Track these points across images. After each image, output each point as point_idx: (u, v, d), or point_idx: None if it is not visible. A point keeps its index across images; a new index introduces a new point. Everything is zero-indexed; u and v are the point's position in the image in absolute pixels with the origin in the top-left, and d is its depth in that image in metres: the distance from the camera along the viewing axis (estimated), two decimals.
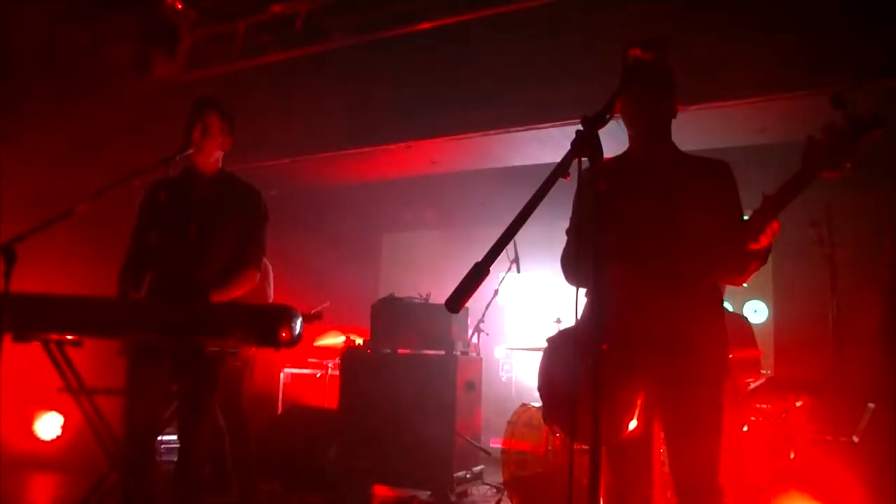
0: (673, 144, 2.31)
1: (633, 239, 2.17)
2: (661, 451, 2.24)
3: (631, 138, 2.33)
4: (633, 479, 2.17)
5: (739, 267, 2.11)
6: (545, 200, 1.47)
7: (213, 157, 3.16)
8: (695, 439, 2.10)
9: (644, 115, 2.25)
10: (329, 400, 6.18)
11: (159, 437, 3.27)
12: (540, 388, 2.32)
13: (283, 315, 2.49)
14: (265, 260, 3.39)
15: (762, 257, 2.07)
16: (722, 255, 2.06)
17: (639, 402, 2.09)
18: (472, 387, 4.84)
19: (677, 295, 2.09)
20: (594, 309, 1.54)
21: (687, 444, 2.11)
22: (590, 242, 1.51)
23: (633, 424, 2.08)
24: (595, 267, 1.51)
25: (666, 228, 2.16)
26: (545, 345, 2.38)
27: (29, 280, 2.49)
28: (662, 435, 2.20)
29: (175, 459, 2.97)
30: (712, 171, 2.25)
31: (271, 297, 4.63)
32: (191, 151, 3.05)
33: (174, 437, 3.42)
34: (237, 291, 3.04)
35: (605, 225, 1.53)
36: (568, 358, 2.20)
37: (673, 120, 2.29)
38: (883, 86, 4.29)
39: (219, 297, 2.92)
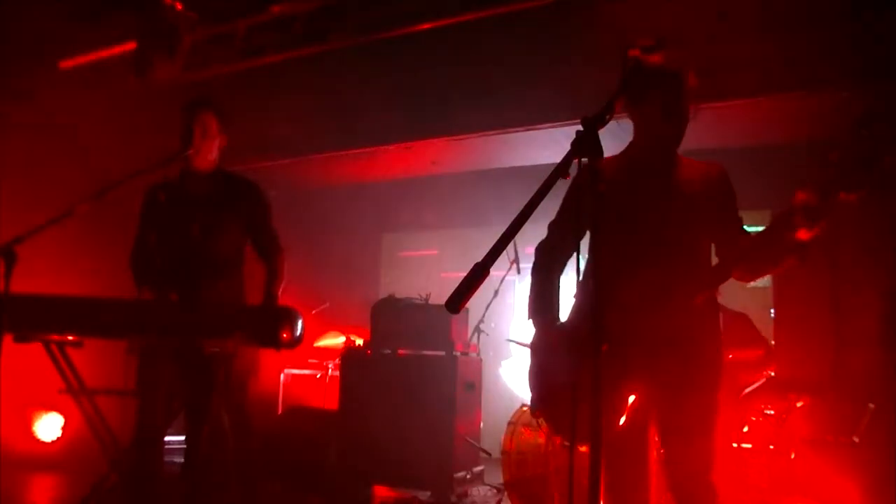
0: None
1: (630, 240, 2.17)
2: (658, 452, 2.25)
3: (637, 143, 2.32)
4: (630, 481, 2.18)
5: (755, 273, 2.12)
6: (548, 199, 1.47)
7: (211, 156, 3.19)
8: (690, 440, 2.11)
9: (671, 133, 2.23)
10: (329, 400, 6.18)
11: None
12: (530, 381, 2.33)
13: (284, 316, 2.49)
14: None
15: (802, 254, 1.99)
16: (730, 266, 2.07)
17: (629, 401, 2.10)
18: (472, 387, 4.84)
19: (673, 297, 2.09)
20: (594, 309, 1.53)
21: (682, 446, 2.12)
22: (590, 243, 1.51)
23: (621, 422, 2.10)
24: (595, 267, 1.52)
25: (662, 230, 2.17)
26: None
27: (29, 280, 2.49)
28: (657, 436, 2.21)
29: (175, 460, 2.98)
30: (709, 175, 2.25)
31: None
32: (190, 152, 3.06)
33: (175, 438, 3.42)
34: (283, 278, 3.19)
35: (602, 225, 1.53)
36: (560, 353, 2.20)
37: None
38: (883, 86, 4.29)
39: (277, 291, 3.11)
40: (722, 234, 2.22)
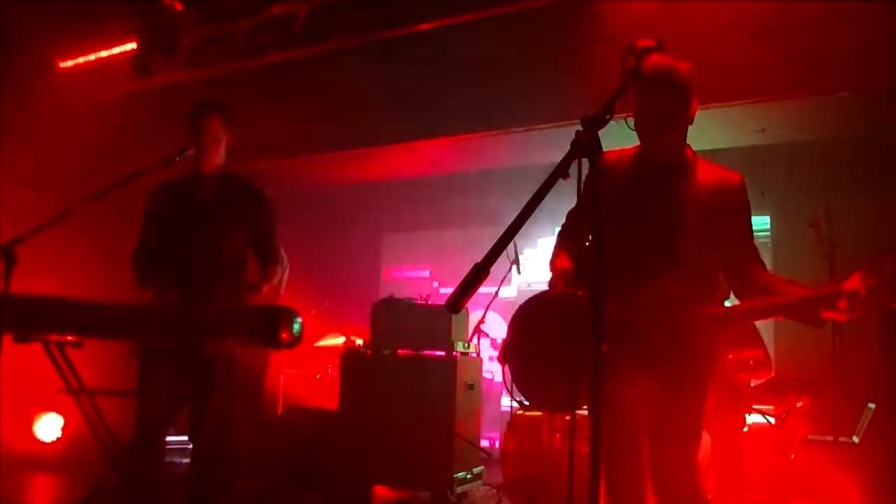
0: (688, 149, 2.22)
1: (636, 242, 2.16)
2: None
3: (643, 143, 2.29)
4: (627, 484, 2.18)
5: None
6: (547, 200, 1.47)
7: (218, 159, 3.20)
8: (676, 444, 2.12)
9: (655, 127, 2.13)
10: (329, 400, 6.18)
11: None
12: (508, 355, 2.33)
13: (283, 316, 2.49)
14: None
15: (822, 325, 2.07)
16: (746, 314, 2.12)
17: (625, 401, 2.11)
18: (472, 387, 4.84)
19: (674, 298, 2.09)
20: (594, 310, 1.53)
21: (668, 448, 2.13)
22: (594, 241, 1.51)
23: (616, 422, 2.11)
24: (595, 268, 1.52)
25: (669, 235, 2.14)
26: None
27: (29, 280, 2.49)
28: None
29: (175, 460, 2.98)
30: (725, 184, 2.16)
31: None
32: (191, 152, 3.06)
33: (175, 438, 3.42)
34: (269, 287, 3.14)
35: (606, 224, 1.53)
36: (548, 321, 2.19)
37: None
38: (882, 88, 4.29)
39: (253, 297, 3.04)
40: (728, 246, 2.14)
